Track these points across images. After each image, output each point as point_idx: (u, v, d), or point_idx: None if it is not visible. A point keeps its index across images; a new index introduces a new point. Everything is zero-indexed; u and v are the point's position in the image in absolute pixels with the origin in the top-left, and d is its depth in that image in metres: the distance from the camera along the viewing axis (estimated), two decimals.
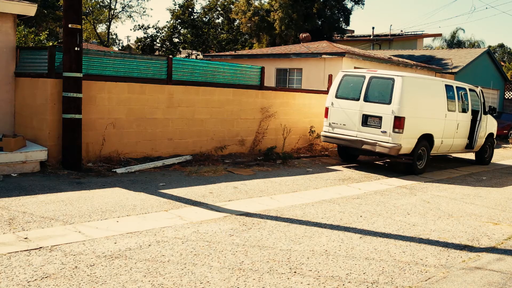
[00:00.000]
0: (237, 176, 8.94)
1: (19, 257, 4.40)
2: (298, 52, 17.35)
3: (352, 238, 5.70)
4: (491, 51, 26.83)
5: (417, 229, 6.27)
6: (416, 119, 10.28)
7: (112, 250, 4.73)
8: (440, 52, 27.68)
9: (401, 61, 19.12)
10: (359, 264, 4.86)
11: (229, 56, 20.09)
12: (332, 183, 9.02)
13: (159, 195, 7.15)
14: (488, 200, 8.48)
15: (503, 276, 4.82)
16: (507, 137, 21.51)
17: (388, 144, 10.06)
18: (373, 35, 30.87)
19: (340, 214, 6.78)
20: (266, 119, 11.78)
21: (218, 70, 11.08)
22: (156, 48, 34.35)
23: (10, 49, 9.01)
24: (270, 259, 4.80)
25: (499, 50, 57.34)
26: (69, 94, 8.14)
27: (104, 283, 4.00)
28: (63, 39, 8.23)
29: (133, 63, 9.55)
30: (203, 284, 4.12)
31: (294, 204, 7.19)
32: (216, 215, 6.29)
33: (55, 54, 8.49)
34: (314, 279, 4.40)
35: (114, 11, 42.85)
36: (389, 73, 10.67)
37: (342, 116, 10.92)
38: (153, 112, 9.71)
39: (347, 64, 15.88)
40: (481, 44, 42.49)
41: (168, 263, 4.52)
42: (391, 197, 8.18)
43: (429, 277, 4.66)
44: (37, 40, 15.97)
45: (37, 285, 3.85)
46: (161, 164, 9.24)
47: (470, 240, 5.95)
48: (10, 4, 8.75)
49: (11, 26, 8.97)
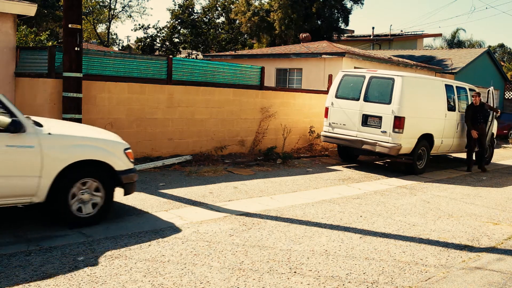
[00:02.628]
0: (237, 176, 8.94)
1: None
2: (298, 52, 17.34)
3: (352, 238, 5.70)
4: (491, 51, 26.83)
5: (417, 229, 6.27)
6: (416, 119, 10.28)
7: (113, 250, 4.73)
8: (440, 52, 27.68)
9: (401, 61, 19.12)
10: (359, 264, 4.86)
11: (229, 56, 20.09)
12: (332, 183, 9.02)
13: (159, 195, 7.15)
14: (488, 200, 8.48)
15: (503, 276, 4.82)
16: (507, 137, 21.51)
17: (388, 144, 10.06)
18: (373, 35, 30.86)
19: (340, 214, 6.78)
20: (266, 119, 11.78)
21: (218, 70, 11.08)
22: (156, 48, 34.35)
23: (10, 49, 9.01)
24: (270, 259, 4.80)
25: (499, 50, 57.32)
26: (69, 94, 8.13)
27: (104, 283, 4.00)
28: (63, 39, 8.23)
29: (133, 63, 9.55)
30: (203, 284, 4.12)
31: (294, 204, 7.19)
32: (216, 215, 6.29)
33: (55, 54, 8.49)
34: (314, 279, 4.40)
35: (114, 11, 42.85)
36: (389, 73, 10.67)
37: (342, 116, 10.92)
38: (153, 112, 9.71)
39: (347, 64, 15.87)
40: (482, 44, 42.48)
41: (168, 263, 4.52)
42: (391, 197, 8.18)
43: (429, 277, 4.66)
44: (37, 40, 15.98)
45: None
46: (161, 164, 9.23)
47: (470, 240, 5.95)
48: (10, 4, 8.74)
49: (11, 26, 8.97)
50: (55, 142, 5.14)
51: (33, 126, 5.07)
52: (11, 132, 4.81)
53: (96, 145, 5.50)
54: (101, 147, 5.51)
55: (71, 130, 5.77)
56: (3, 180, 4.81)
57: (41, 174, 5.00)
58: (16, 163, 4.88)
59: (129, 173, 5.71)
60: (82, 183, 5.33)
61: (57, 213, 5.28)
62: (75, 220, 5.32)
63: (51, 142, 5.08)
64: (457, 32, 41.65)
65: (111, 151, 5.56)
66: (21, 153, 4.88)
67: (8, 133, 4.80)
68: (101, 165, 5.46)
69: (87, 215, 5.40)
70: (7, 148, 4.80)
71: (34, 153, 4.94)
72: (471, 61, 23.00)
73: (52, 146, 5.08)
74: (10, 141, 4.82)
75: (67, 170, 5.16)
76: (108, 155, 5.49)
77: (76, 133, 5.64)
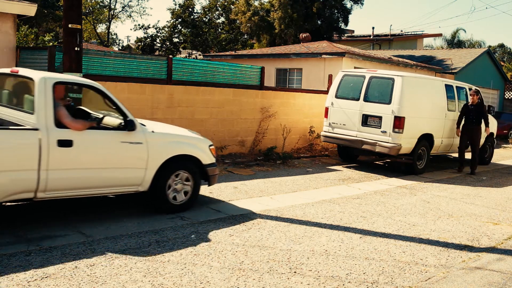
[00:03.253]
0: (237, 176, 8.94)
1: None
2: (298, 52, 17.34)
3: (352, 238, 5.70)
4: (491, 51, 26.82)
5: (417, 229, 6.27)
6: (416, 119, 10.28)
7: (113, 251, 4.74)
8: (440, 52, 27.67)
9: (401, 61, 19.12)
10: (359, 264, 4.86)
11: (229, 56, 20.08)
12: (332, 183, 9.02)
13: None
14: (488, 200, 8.48)
15: (503, 276, 4.82)
16: (507, 137, 21.51)
17: (388, 144, 10.05)
18: (373, 35, 30.85)
19: (340, 214, 6.78)
20: (266, 119, 11.77)
21: (218, 70, 11.08)
22: (156, 48, 34.35)
23: (10, 49, 9.01)
24: (270, 259, 4.80)
25: (499, 50, 57.27)
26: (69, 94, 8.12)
27: (104, 283, 4.00)
28: (63, 39, 8.22)
29: (133, 63, 9.55)
30: (203, 284, 4.12)
31: (294, 204, 7.19)
32: (216, 215, 6.29)
33: (55, 54, 8.49)
34: (314, 279, 4.40)
35: (114, 11, 42.85)
36: (389, 73, 10.67)
37: (342, 116, 10.92)
38: (153, 112, 9.71)
39: (347, 64, 15.87)
40: (482, 44, 42.46)
41: (168, 263, 4.52)
42: (391, 197, 8.18)
43: (429, 277, 4.66)
44: (40, 40, 15.97)
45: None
46: None
47: (470, 240, 5.95)
48: (10, 4, 8.75)
49: (11, 26, 8.98)
50: (158, 139, 5.94)
51: (141, 125, 5.85)
52: (126, 130, 5.59)
53: (189, 142, 6.35)
54: (192, 143, 6.37)
55: (166, 128, 6.60)
56: (119, 171, 5.62)
57: (146, 166, 5.78)
58: (128, 157, 5.68)
59: (212, 166, 6.56)
60: (176, 174, 6.10)
61: (157, 201, 6.04)
62: (171, 207, 6.14)
63: (154, 139, 5.88)
64: (457, 32, 41.63)
65: (199, 147, 6.40)
66: (133, 148, 5.68)
67: (122, 131, 5.59)
68: (191, 159, 6.26)
69: (180, 202, 6.23)
70: (122, 144, 5.59)
71: (142, 149, 5.74)
72: (471, 61, 23.00)
73: (156, 142, 5.88)
74: (124, 138, 5.61)
75: (166, 163, 5.93)
76: (197, 150, 6.33)
77: (171, 131, 6.45)
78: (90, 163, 5.39)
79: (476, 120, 11.00)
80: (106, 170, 5.52)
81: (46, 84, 5.16)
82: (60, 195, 5.27)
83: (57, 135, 5.08)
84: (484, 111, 11.15)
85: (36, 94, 5.10)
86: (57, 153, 5.08)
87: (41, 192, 5.06)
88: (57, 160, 5.09)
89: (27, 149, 4.92)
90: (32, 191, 5.02)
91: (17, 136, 4.93)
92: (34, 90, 5.13)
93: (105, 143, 5.53)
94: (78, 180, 5.31)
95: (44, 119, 5.05)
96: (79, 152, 5.26)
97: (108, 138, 5.56)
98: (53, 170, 5.06)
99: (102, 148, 5.50)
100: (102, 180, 5.51)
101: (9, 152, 4.84)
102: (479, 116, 11.01)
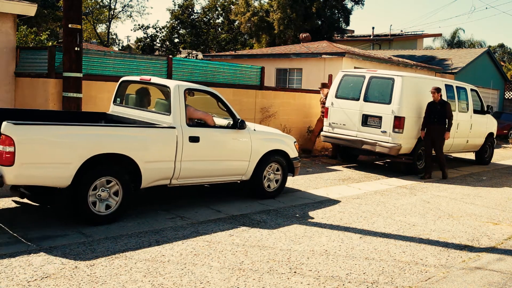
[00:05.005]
0: None
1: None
2: (298, 52, 17.34)
3: (352, 238, 5.70)
4: (491, 51, 26.83)
5: (417, 229, 6.27)
6: (416, 119, 10.28)
7: (113, 251, 4.74)
8: (441, 52, 27.67)
9: (401, 61, 19.11)
10: (359, 264, 4.86)
11: (229, 56, 20.08)
12: (332, 183, 9.02)
13: None
14: (488, 200, 8.48)
15: (503, 276, 4.82)
16: (507, 137, 21.50)
17: (388, 144, 10.05)
18: (373, 35, 30.84)
19: (340, 214, 6.78)
20: (266, 119, 11.77)
21: (218, 70, 11.08)
22: (156, 48, 34.35)
23: (10, 49, 9.01)
24: (270, 259, 4.80)
25: (499, 50, 57.30)
26: (69, 94, 8.13)
27: (104, 283, 4.00)
28: (63, 39, 8.23)
29: (133, 63, 9.55)
30: (203, 284, 4.12)
31: (294, 204, 7.18)
32: (216, 215, 6.29)
33: (55, 54, 8.49)
34: (314, 279, 4.40)
35: (114, 11, 42.84)
36: (389, 73, 10.67)
37: (342, 116, 10.92)
38: None
39: (347, 64, 15.86)
40: (482, 44, 42.45)
41: (168, 263, 4.52)
42: (391, 197, 8.18)
43: (429, 277, 4.66)
44: (37, 40, 15.97)
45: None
46: None
47: (470, 240, 5.95)
48: (10, 4, 8.75)
49: (11, 26, 8.97)
50: (259, 136, 7.00)
51: (247, 124, 6.87)
52: (237, 128, 6.66)
53: (280, 139, 7.40)
54: (282, 139, 7.43)
55: (262, 127, 7.66)
56: (231, 163, 6.70)
57: (249, 159, 6.86)
58: (238, 151, 6.75)
59: (296, 160, 7.58)
60: (269, 166, 7.17)
61: (257, 188, 7.14)
62: (266, 193, 7.24)
63: (256, 136, 6.95)
64: (457, 32, 41.63)
65: (287, 143, 7.45)
66: (241, 143, 6.77)
67: (233, 130, 6.67)
68: (281, 153, 7.31)
69: (273, 190, 7.35)
70: (233, 140, 6.69)
71: (248, 144, 6.82)
72: (471, 61, 23.00)
73: (257, 139, 6.95)
74: (235, 135, 6.71)
75: (263, 156, 7.01)
76: (286, 146, 7.39)
77: (266, 129, 7.57)
78: (211, 156, 6.45)
79: (438, 119, 9.99)
80: (222, 162, 6.59)
81: (180, 90, 6.19)
82: (187, 182, 6.31)
83: (189, 132, 6.13)
84: (448, 110, 10.07)
85: (171, 99, 6.12)
86: (188, 147, 6.12)
87: (174, 180, 6.12)
88: (188, 153, 6.12)
89: (169, 144, 5.94)
90: (168, 178, 6.07)
91: (164, 133, 5.95)
92: (170, 96, 6.13)
93: (222, 139, 6.59)
94: (201, 170, 6.38)
95: (179, 119, 6.10)
96: (203, 146, 6.30)
97: (224, 135, 6.63)
98: (185, 161, 6.11)
99: (220, 144, 6.57)
100: (218, 170, 6.60)
101: (159, 146, 5.86)
102: (442, 115, 10.00)
